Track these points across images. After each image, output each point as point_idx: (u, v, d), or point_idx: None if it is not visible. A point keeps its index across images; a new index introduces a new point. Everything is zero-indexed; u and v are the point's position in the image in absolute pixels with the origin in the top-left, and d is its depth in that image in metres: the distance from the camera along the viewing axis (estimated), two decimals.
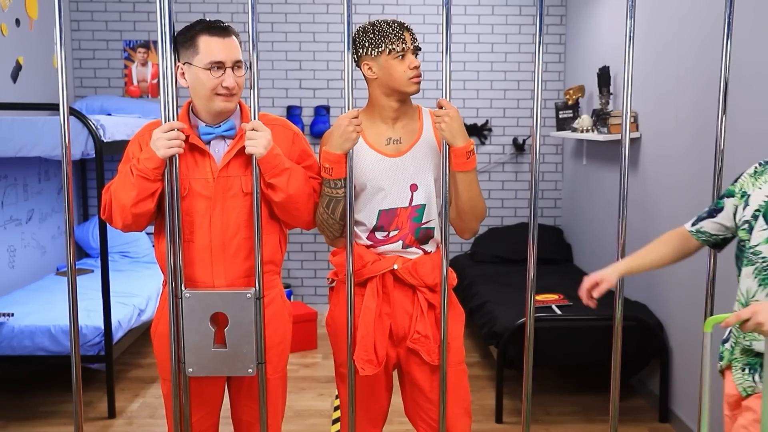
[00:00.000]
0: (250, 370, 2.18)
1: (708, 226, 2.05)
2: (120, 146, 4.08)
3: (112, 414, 3.72)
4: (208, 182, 2.16)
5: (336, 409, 3.85)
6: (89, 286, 4.20)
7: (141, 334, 4.38)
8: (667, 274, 3.66)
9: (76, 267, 2.09)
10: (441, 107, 2.19)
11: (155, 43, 5.45)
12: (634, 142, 4.03)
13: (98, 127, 3.71)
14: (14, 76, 4.52)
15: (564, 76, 5.57)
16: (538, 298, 3.88)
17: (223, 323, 2.16)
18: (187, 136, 2.14)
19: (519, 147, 5.55)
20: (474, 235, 2.42)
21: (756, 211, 1.89)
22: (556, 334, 3.64)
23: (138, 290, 4.35)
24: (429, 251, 2.33)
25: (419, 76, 2.24)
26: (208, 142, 2.19)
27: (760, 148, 2.79)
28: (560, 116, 4.94)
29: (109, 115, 4.68)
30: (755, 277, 1.87)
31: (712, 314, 2.30)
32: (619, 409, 2.35)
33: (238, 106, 2.25)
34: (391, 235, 2.29)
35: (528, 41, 5.52)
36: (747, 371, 1.90)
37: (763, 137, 2.78)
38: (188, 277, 2.20)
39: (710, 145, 2.99)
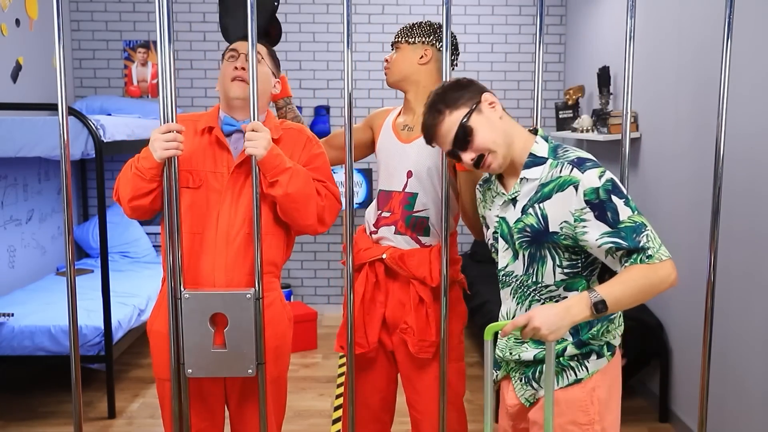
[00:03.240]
0: (249, 371, 2.17)
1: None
2: (120, 146, 4.08)
3: (112, 414, 3.72)
4: (223, 176, 2.20)
5: (336, 409, 3.85)
6: (89, 286, 4.20)
7: (141, 334, 4.37)
8: None
9: (76, 267, 2.09)
10: None
11: (155, 43, 5.45)
12: (634, 141, 4.03)
13: (98, 127, 3.71)
14: (14, 76, 4.52)
15: (564, 76, 5.57)
16: None
17: (222, 324, 2.16)
18: (212, 128, 2.21)
19: None
20: None
21: (494, 233, 1.89)
22: None
23: (138, 290, 4.35)
24: (428, 244, 2.35)
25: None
26: (230, 135, 2.23)
27: (760, 148, 2.79)
28: (560, 116, 4.94)
29: (109, 115, 4.68)
30: (513, 297, 1.87)
31: (712, 314, 2.30)
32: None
33: (266, 113, 2.30)
34: (383, 215, 2.39)
35: (528, 41, 5.52)
36: (524, 381, 1.90)
37: (763, 137, 2.78)
38: (192, 268, 2.21)
39: (710, 145, 2.99)
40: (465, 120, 1.77)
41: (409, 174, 2.33)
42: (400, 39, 2.41)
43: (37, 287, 4.42)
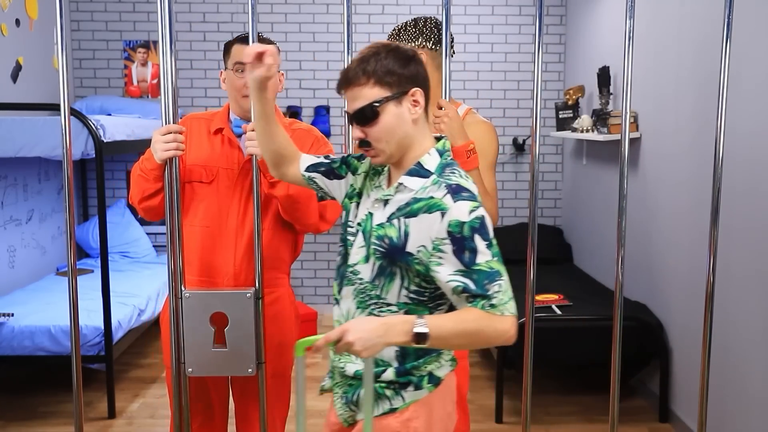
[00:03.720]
0: (250, 370, 2.18)
1: (320, 180, 1.86)
2: (120, 146, 4.09)
3: (112, 414, 3.72)
4: (234, 172, 2.24)
5: None
6: (89, 286, 4.20)
7: (141, 334, 4.37)
8: (667, 273, 3.67)
9: (76, 267, 2.09)
10: (440, 107, 2.20)
11: (155, 43, 5.45)
12: (634, 141, 4.03)
13: (98, 127, 3.71)
14: (14, 76, 4.52)
15: (564, 76, 5.57)
16: (538, 298, 3.88)
17: (223, 323, 2.16)
18: (223, 128, 2.27)
19: (519, 147, 5.55)
20: None
21: (359, 224, 1.72)
22: (556, 334, 3.64)
23: (138, 290, 4.35)
24: None
25: None
26: (240, 136, 2.27)
27: (760, 148, 2.80)
28: (560, 116, 4.94)
29: (109, 115, 4.68)
30: (354, 298, 1.72)
31: (711, 314, 2.30)
32: (619, 409, 2.35)
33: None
34: None
35: (528, 41, 5.52)
36: (344, 401, 1.80)
37: (763, 137, 2.78)
38: (202, 261, 2.24)
39: (710, 145, 2.99)
40: (378, 104, 1.62)
41: None
42: None
43: (37, 287, 4.42)
